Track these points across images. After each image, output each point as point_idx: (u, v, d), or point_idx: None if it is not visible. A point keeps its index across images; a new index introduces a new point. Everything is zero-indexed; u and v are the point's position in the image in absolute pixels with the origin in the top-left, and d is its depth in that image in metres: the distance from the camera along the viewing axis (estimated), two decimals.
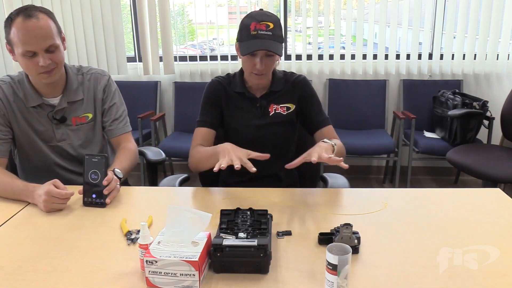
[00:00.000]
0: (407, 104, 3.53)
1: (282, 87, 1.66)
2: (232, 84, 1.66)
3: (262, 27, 1.48)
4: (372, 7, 3.49)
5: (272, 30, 1.48)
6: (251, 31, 1.48)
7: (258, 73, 1.54)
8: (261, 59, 1.51)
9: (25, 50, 1.45)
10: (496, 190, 1.48)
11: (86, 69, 1.71)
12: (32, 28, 1.44)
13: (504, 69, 3.46)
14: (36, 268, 1.05)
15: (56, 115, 1.64)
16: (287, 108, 1.66)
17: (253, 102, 1.65)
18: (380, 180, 3.70)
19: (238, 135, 1.66)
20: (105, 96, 1.71)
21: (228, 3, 3.72)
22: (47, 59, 1.47)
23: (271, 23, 1.48)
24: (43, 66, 1.47)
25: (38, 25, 1.45)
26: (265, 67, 1.52)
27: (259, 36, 1.47)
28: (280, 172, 1.69)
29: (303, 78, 1.69)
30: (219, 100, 1.66)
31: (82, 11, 3.51)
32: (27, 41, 1.44)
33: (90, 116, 1.70)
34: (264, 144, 1.63)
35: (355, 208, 1.35)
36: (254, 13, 1.53)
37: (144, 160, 1.92)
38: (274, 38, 1.48)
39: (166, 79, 3.71)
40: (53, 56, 1.49)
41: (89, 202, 1.40)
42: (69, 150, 1.68)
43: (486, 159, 2.74)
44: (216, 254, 1.00)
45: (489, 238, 1.16)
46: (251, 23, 1.48)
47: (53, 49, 1.49)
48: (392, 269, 1.03)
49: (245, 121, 1.65)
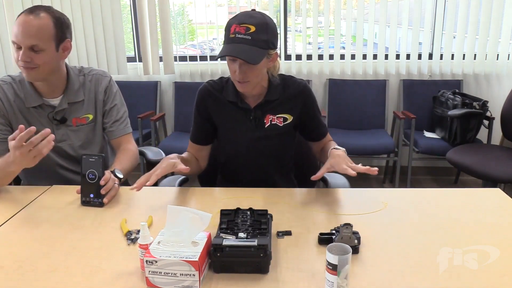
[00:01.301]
0: (407, 104, 3.53)
1: (279, 95, 1.53)
2: (225, 91, 1.54)
3: (241, 30, 1.34)
4: (372, 7, 3.49)
5: (253, 33, 1.33)
6: (230, 34, 1.36)
7: (240, 80, 1.42)
8: (240, 66, 1.38)
9: (13, 40, 1.48)
10: (496, 190, 1.48)
11: (88, 70, 1.71)
12: (23, 22, 1.45)
13: (504, 69, 3.46)
14: (36, 268, 1.05)
15: (56, 116, 1.63)
16: (284, 119, 1.55)
17: (247, 113, 1.53)
18: (380, 180, 3.70)
19: (233, 147, 1.61)
20: (106, 97, 1.71)
21: (228, 3, 3.72)
22: (27, 56, 1.47)
23: (252, 26, 1.34)
24: (21, 60, 1.47)
25: (31, 22, 1.45)
26: (244, 75, 1.39)
27: (235, 40, 1.34)
28: (279, 181, 1.65)
29: (305, 87, 1.56)
30: (207, 112, 1.57)
31: (82, 11, 3.51)
32: (15, 32, 1.46)
33: (91, 117, 1.70)
34: (260, 156, 1.59)
35: (355, 208, 1.35)
36: (240, 13, 1.39)
37: (144, 160, 1.92)
38: (252, 43, 1.34)
39: (166, 79, 3.71)
40: (35, 56, 1.48)
41: (87, 201, 1.40)
42: (69, 150, 1.68)
43: (486, 159, 2.74)
44: (216, 254, 1.00)
45: (489, 238, 1.16)
46: (232, 25, 1.36)
47: (37, 49, 1.48)
48: (392, 269, 1.03)
49: (238, 133, 1.56)
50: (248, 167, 1.62)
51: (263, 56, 1.38)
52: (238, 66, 1.38)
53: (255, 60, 1.35)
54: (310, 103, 1.58)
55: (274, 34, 1.41)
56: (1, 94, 1.59)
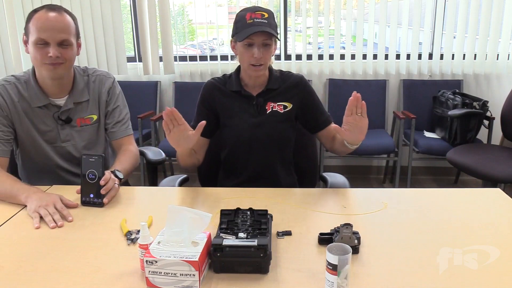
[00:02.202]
0: (407, 104, 3.53)
1: (279, 85, 1.64)
2: (228, 84, 1.65)
3: (257, 16, 1.49)
4: (372, 7, 3.49)
5: (268, 19, 1.50)
6: (247, 20, 1.49)
7: (256, 63, 1.53)
8: (259, 48, 1.50)
9: (38, 37, 1.46)
10: (496, 190, 1.48)
11: (92, 70, 1.71)
12: (52, 18, 1.48)
13: (504, 69, 3.46)
14: (36, 268, 1.05)
15: (61, 116, 1.63)
16: (284, 107, 1.64)
17: (250, 100, 1.63)
18: (380, 180, 3.70)
19: (235, 134, 1.65)
20: (109, 98, 1.71)
21: (228, 3, 3.72)
22: (57, 52, 1.48)
23: (266, 13, 1.51)
24: (51, 56, 1.47)
25: (59, 18, 1.49)
26: (263, 56, 1.52)
27: (255, 24, 1.48)
28: (279, 173, 1.67)
29: (301, 78, 1.67)
30: (212, 103, 1.65)
31: (82, 11, 3.51)
32: (43, 28, 1.46)
33: (95, 118, 1.70)
34: (261, 142, 1.63)
35: (355, 208, 1.35)
36: (248, 7, 1.55)
37: (144, 160, 1.92)
38: (270, 26, 1.50)
39: (166, 79, 3.71)
40: (64, 52, 1.50)
41: (87, 201, 1.40)
42: (72, 151, 1.68)
43: (486, 159, 2.74)
44: (216, 254, 1.00)
45: (489, 238, 1.16)
46: (247, 14, 1.50)
47: (66, 44, 1.50)
48: (392, 269, 1.03)
49: (241, 119, 1.63)
50: (250, 155, 1.65)
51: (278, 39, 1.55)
52: (257, 48, 1.50)
53: (278, 38, 1.53)
54: (308, 92, 1.67)
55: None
56: (4, 94, 1.58)
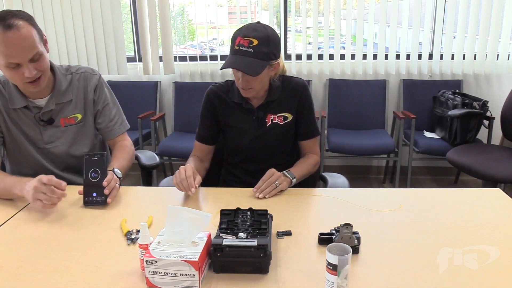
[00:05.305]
0: (407, 104, 3.53)
1: (278, 95, 1.63)
2: (231, 93, 1.65)
3: (245, 43, 1.44)
4: (372, 7, 3.49)
5: (255, 47, 1.44)
6: (234, 46, 1.46)
7: (244, 88, 1.53)
8: (243, 76, 1.49)
9: (8, 62, 1.37)
10: (496, 190, 1.48)
11: (75, 68, 1.65)
12: (14, 39, 1.35)
13: (504, 69, 3.46)
14: (36, 268, 1.05)
15: (43, 117, 1.58)
16: (284, 118, 1.64)
17: (250, 113, 1.64)
18: (380, 180, 3.70)
19: (236, 143, 1.70)
20: (96, 96, 1.66)
21: (228, 3, 3.72)
22: (32, 70, 1.40)
23: (255, 40, 1.43)
24: (28, 77, 1.40)
25: (20, 36, 1.36)
26: (247, 83, 1.51)
27: (239, 52, 1.45)
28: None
29: (303, 84, 1.65)
30: (215, 112, 1.67)
31: (82, 11, 3.51)
32: (9, 54, 1.36)
33: (80, 117, 1.64)
34: (261, 152, 1.68)
35: (355, 208, 1.35)
36: (245, 26, 1.49)
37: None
38: (254, 55, 1.44)
39: (166, 79, 3.71)
40: (38, 65, 1.43)
41: (90, 201, 1.39)
42: (57, 152, 1.63)
43: (486, 159, 2.74)
44: (216, 254, 1.00)
45: (489, 238, 1.16)
46: (237, 37, 1.46)
47: (37, 57, 1.41)
48: (392, 269, 1.03)
49: (242, 131, 1.66)
50: (249, 164, 1.72)
51: (264, 68, 1.48)
52: (241, 76, 1.49)
53: (255, 72, 1.46)
54: (304, 99, 1.65)
55: (275, 46, 1.50)
56: None
